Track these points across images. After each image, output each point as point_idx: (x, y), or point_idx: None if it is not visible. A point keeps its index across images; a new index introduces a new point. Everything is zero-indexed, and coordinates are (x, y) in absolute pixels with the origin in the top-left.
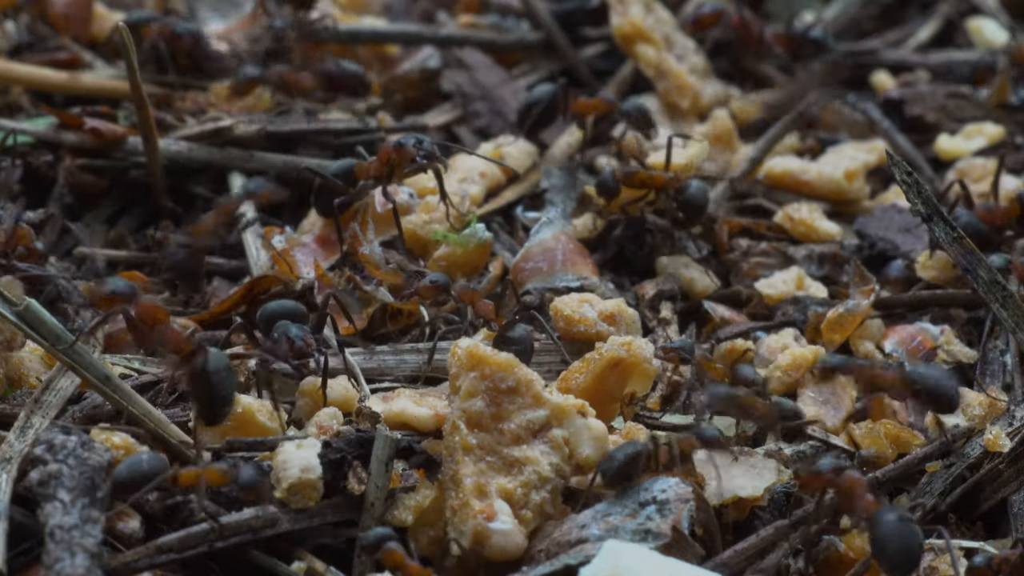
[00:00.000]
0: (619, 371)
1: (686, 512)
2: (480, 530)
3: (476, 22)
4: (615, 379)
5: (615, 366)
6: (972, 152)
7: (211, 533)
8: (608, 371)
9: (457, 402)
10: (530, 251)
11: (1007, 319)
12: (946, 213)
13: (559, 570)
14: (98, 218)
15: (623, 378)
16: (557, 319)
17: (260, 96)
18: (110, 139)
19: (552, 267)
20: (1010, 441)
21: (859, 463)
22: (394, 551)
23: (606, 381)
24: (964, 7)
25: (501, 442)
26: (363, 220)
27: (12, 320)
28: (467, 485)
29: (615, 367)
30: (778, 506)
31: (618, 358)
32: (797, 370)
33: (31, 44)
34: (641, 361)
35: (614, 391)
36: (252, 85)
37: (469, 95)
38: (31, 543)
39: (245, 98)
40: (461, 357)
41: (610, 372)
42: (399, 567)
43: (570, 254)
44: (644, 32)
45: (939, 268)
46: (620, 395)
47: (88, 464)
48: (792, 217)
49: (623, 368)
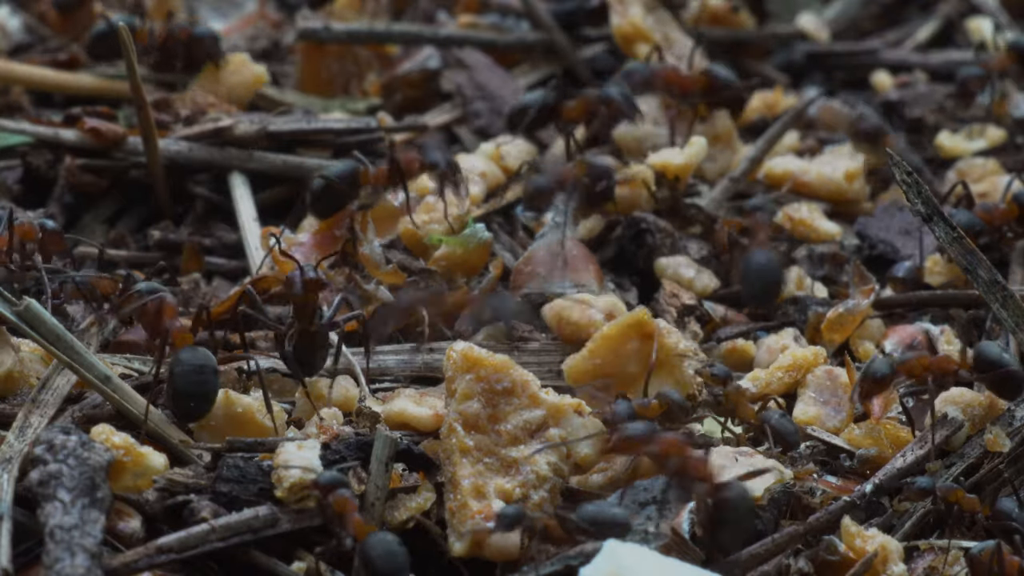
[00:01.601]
0: (640, 337)
1: (687, 513)
2: (480, 532)
3: (476, 22)
4: (634, 345)
5: (637, 329)
6: (972, 152)
7: (211, 533)
8: (629, 331)
9: (453, 404)
10: (532, 255)
11: (1007, 319)
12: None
13: (559, 570)
14: (98, 218)
15: (643, 347)
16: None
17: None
18: (110, 139)
19: (552, 273)
20: (1010, 441)
21: (859, 463)
22: (346, 499)
23: (625, 341)
24: (964, 7)
25: (498, 443)
26: (363, 220)
27: (12, 320)
28: (465, 487)
29: (637, 330)
30: (778, 506)
31: (642, 321)
32: (797, 370)
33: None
34: (671, 352)
35: (631, 357)
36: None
37: (469, 95)
38: (31, 543)
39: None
40: (456, 360)
41: (631, 333)
42: (345, 515)
43: (573, 260)
44: (644, 32)
45: (947, 275)
46: (638, 369)
47: (88, 464)
48: (792, 217)
49: (644, 335)
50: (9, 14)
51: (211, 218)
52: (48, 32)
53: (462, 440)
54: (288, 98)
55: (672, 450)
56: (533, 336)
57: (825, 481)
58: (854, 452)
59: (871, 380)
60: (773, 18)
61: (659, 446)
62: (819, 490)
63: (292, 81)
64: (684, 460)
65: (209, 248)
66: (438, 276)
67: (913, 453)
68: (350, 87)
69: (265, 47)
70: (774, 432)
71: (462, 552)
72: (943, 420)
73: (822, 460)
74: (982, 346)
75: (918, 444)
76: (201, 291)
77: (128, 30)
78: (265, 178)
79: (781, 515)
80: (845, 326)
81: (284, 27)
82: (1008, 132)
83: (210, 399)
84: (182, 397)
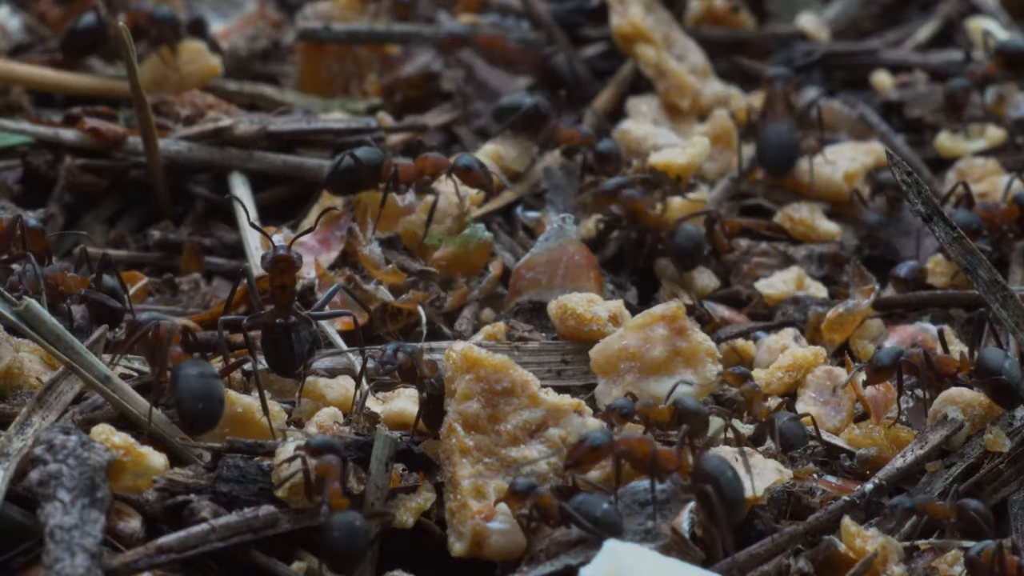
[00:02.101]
0: (669, 326)
1: (687, 513)
2: (479, 530)
3: (476, 22)
4: (662, 331)
5: (670, 320)
6: (972, 152)
7: (211, 533)
8: (661, 320)
9: (453, 405)
10: (533, 259)
11: (1007, 319)
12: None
13: (559, 570)
14: (98, 218)
15: (670, 335)
16: (564, 312)
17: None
18: (110, 139)
19: (552, 280)
20: (1010, 441)
21: (859, 463)
22: (330, 465)
23: (654, 329)
24: (964, 7)
25: (498, 443)
26: (363, 220)
27: (12, 320)
28: (465, 487)
29: (669, 320)
30: (778, 506)
31: (676, 314)
32: (797, 370)
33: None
34: (699, 350)
35: (657, 342)
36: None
37: (469, 95)
38: (31, 543)
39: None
40: (456, 360)
41: (662, 322)
42: (326, 480)
43: (573, 267)
44: (644, 32)
45: (949, 274)
46: (663, 354)
47: (88, 464)
48: (792, 217)
49: (675, 327)
50: (9, 14)
51: (211, 218)
52: (48, 32)
53: (462, 440)
54: (288, 98)
55: (637, 449)
56: (533, 336)
57: (825, 481)
58: (854, 452)
59: (874, 369)
60: (773, 18)
61: (624, 448)
62: (819, 490)
63: (292, 81)
64: (652, 456)
65: (209, 248)
66: (437, 276)
67: (913, 453)
68: (350, 87)
69: (265, 47)
70: (781, 434)
71: (462, 552)
72: (943, 420)
73: (822, 460)
74: (985, 353)
75: (918, 444)
76: (201, 291)
77: (128, 30)
78: (265, 178)
79: (781, 515)
80: (845, 326)
81: (284, 27)
82: (1008, 132)
83: (217, 414)
84: (189, 415)
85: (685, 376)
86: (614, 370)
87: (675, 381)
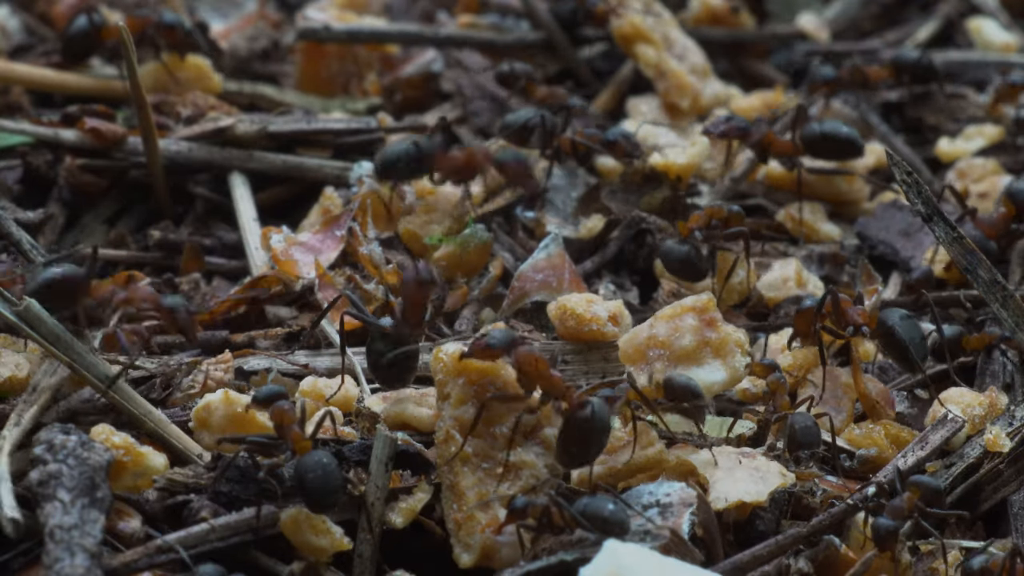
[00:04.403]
0: (699, 316)
1: (688, 515)
2: (489, 544)
3: (476, 22)
4: (691, 321)
5: (700, 311)
6: (972, 152)
7: (211, 533)
8: (691, 311)
9: (448, 410)
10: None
11: (1007, 319)
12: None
13: (554, 564)
14: (98, 218)
15: (699, 325)
16: (564, 312)
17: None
18: (110, 139)
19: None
20: (1010, 441)
21: (859, 463)
22: (284, 410)
23: (684, 319)
24: (964, 7)
25: (495, 446)
26: (363, 220)
27: (12, 320)
28: (470, 497)
29: (700, 311)
30: (779, 506)
31: (707, 306)
32: (797, 370)
33: (31, 44)
34: (728, 340)
35: (686, 331)
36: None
37: (469, 95)
38: (31, 543)
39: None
40: (447, 364)
41: (692, 312)
42: (283, 426)
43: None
44: (644, 32)
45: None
46: (691, 344)
47: (88, 464)
48: (794, 217)
49: (706, 321)
50: (9, 14)
51: (211, 218)
52: (48, 32)
53: (463, 448)
54: (288, 98)
55: (528, 364)
56: (532, 336)
57: (826, 481)
58: (854, 452)
59: (797, 312)
60: (773, 18)
61: (516, 358)
62: (819, 490)
63: (292, 81)
64: (541, 375)
65: (209, 248)
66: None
67: (913, 453)
68: (350, 87)
69: (265, 47)
70: (793, 433)
71: (470, 564)
72: (943, 420)
73: (822, 460)
74: (885, 311)
75: (918, 444)
76: (201, 291)
77: (128, 30)
78: (265, 178)
79: (782, 515)
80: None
81: (284, 27)
82: (1007, 132)
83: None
84: (316, 500)
85: (713, 365)
86: (642, 358)
87: (703, 370)
